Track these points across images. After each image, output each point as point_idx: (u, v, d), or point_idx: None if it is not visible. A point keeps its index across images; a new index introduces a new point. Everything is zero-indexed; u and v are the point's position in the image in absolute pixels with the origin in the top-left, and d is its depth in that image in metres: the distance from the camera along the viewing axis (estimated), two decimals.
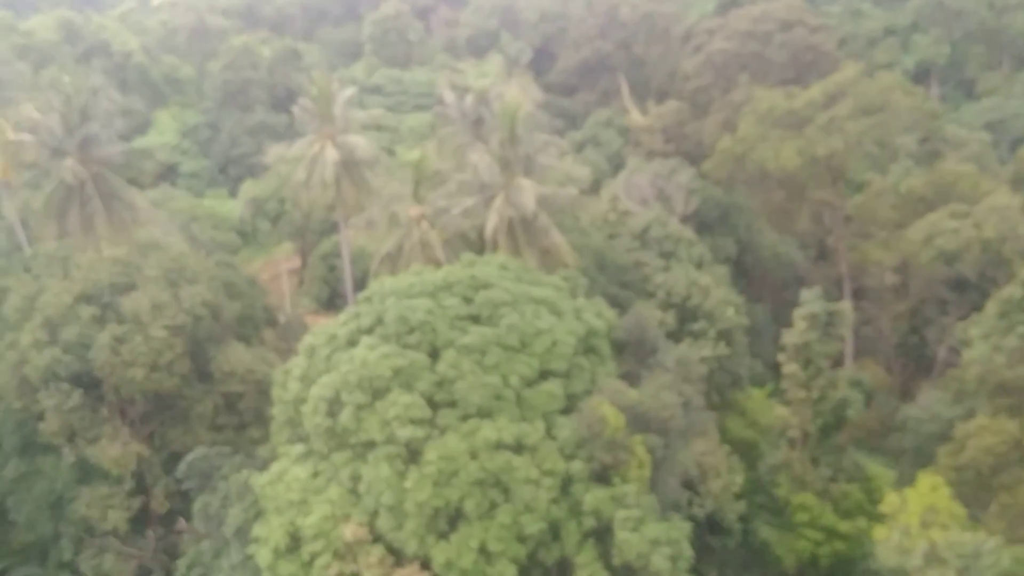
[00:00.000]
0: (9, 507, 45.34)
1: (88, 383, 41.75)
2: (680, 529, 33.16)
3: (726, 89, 74.54)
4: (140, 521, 43.26)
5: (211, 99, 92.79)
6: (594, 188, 61.58)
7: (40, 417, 42.16)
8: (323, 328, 37.56)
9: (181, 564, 39.68)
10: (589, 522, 32.70)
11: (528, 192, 42.93)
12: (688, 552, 32.69)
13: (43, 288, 43.51)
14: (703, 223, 58.62)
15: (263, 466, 37.03)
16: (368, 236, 54.15)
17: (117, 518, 41.92)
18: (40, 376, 41.30)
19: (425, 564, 32.32)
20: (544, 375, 34.44)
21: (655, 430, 34.94)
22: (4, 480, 45.09)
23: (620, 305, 41.86)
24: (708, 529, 39.27)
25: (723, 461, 39.47)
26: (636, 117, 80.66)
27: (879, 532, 34.41)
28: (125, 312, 41.50)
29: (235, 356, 42.78)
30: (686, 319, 46.05)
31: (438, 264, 42.00)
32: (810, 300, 42.60)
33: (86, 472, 42.53)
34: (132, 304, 41.52)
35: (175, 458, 41.36)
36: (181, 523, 41.87)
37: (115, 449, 41.38)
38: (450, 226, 45.14)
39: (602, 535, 32.86)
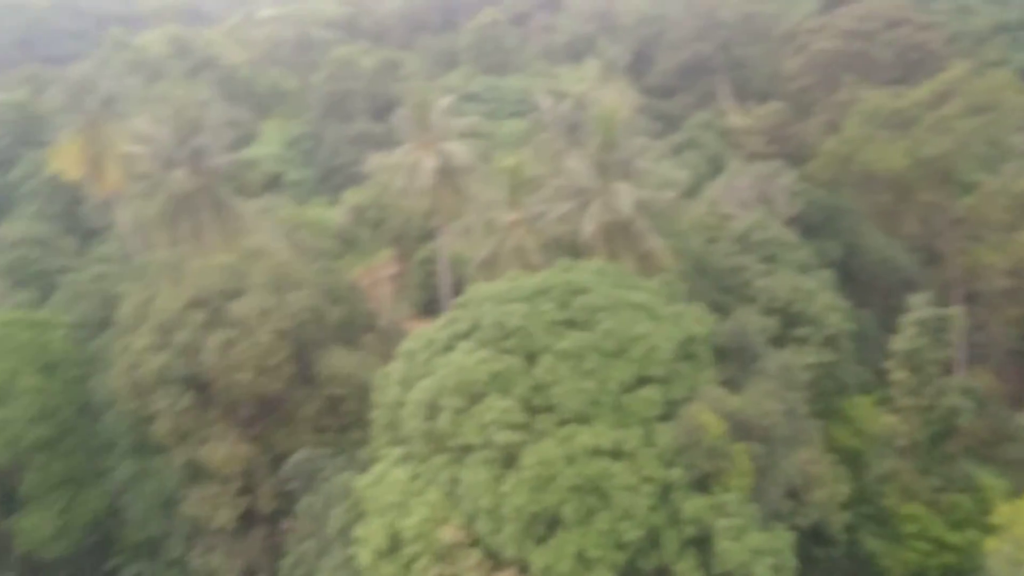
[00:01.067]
0: (122, 506, 47.14)
1: (198, 386, 43.09)
2: (783, 539, 32.44)
3: (830, 89, 72.79)
4: (247, 520, 44.37)
5: (314, 110, 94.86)
6: (693, 191, 60.80)
7: (152, 419, 43.69)
8: (421, 333, 37.99)
9: (285, 563, 40.56)
10: (689, 530, 32.24)
11: (625, 196, 42.66)
12: (791, 562, 31.98)
13: (156, 294, 45.12)
14: (807, 226, 57.30)
15: (364, 468, 37.60)
16: (465, 242, 54.50)
17: (225, 517, 43.11)
18: (152, 379, 42.79)
19: (523, 568, 32.29)
20: (642, 381, 34.09)
21: (757, 438, 34.26)
22: (118, 480, 46.93)
23: (721, 310, 41.22)
24: (812, 539, 38.30)
25: (828, 470, 38.47)
26: (736, 119, 79.41)
27: (990, 544, 33.17)
28: (233, 317, 42.72)
29: (338, 360, 43.64)
30: (789, 324, 45.08)
31: (534, 269, 42.03)
32: (919, 305, 41.28)
33: (196, 472, 43.86)
34: (240, 309, 42.72)
35: (280, 459, 42.34)
36: (286, 523, 42.76)
37: (224, 450, 42.58)
38: (546, 231, 45.16)
39: (702, 544, 32.34)
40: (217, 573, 44.61)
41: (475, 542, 32.88)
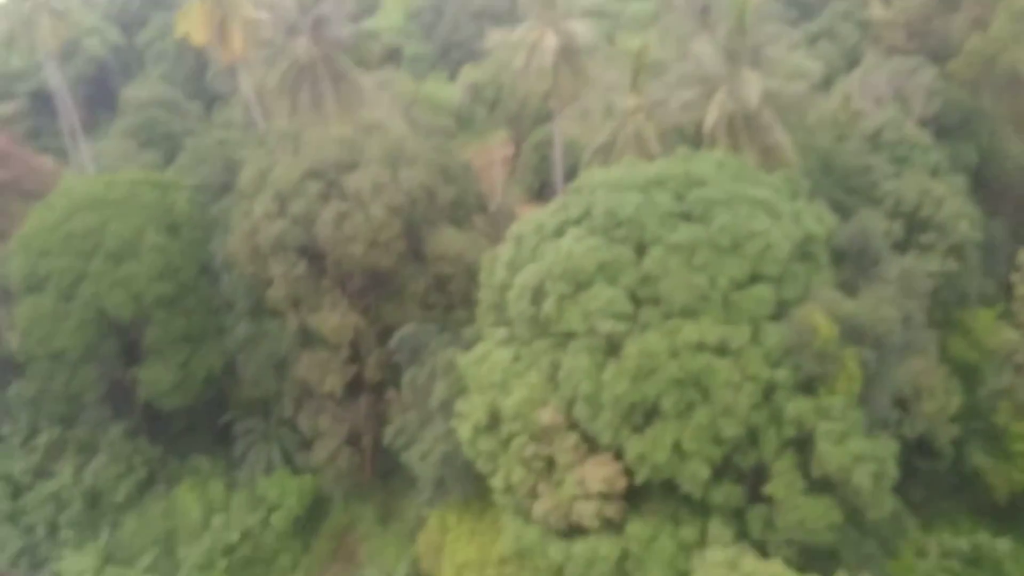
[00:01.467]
0: (237, 364, 49.20)
1: (312, 255, 44.08)
2: (886, 447, 31.80)
3: None
4: (354, 387, 45.87)
5: None
6: (825, 85, 57.99)
7: (269, 284, 45.02)
8: (531, 217, 37.75)
9: (389, 430, 41.96)
10: (790, 431, 31.85)
11: (753, 86, 40.93)
12: (893, 471, 31.41)
13: (275, 162, 45.88)
14: (942, 128, 54.15)
15: (468, 346, 38.17)
16: (582, 126, 53.55)
17: (333, 383, 44.62)
18: (270, 245, 43.90)
19: (618, 455, 32.63)
20: (755, 279, 33.25)
21: (869, 344, 33.27)
22: (234, 340, 48.86)
23: (843, 211, 39.65)
24: (917, 451, 37.49)
25: (940, 382, 37.35)
26: (878, 10, 74.71)
27: None
28: (348, 190, 43.22)
29: (447, 239, 43.93)
30: (914, 230, 43.12)
31: (651, 158, 41.06)
32: None
33: (307, 338, 45.30)
34: (355, 183, 43.17)
35: (388, 332, 43.31)
36: (390, 393, 44.00)
37: (335, 319, 43.73)
38: (667, 119, 43.87)
39: (802, 445, 31.99)
40: (324, 435, 46.51)
41: (572, 426, 33.27)
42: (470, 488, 37.74)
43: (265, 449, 51.30)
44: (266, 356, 47.29)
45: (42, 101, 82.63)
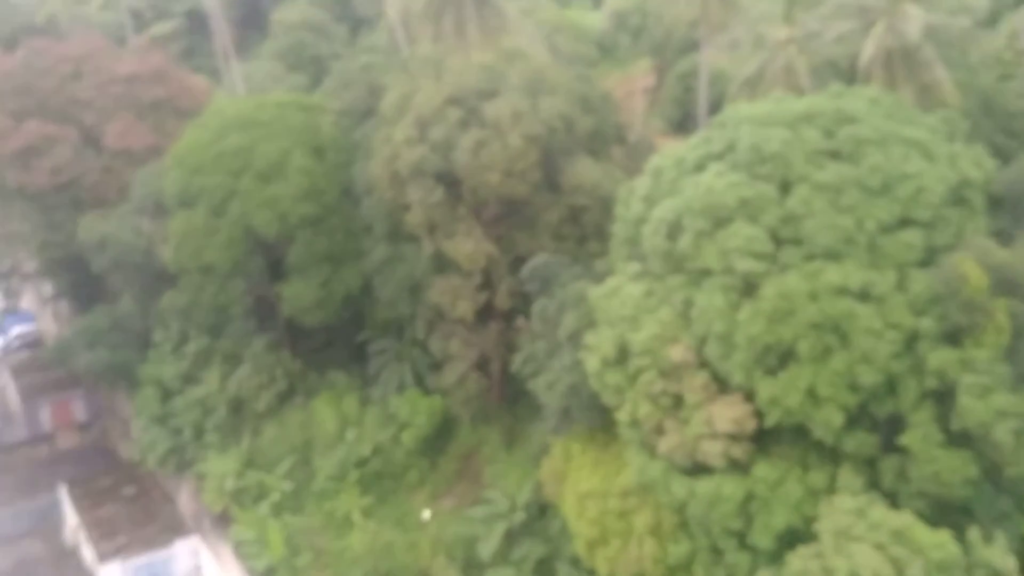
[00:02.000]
0: (374, 286, 50.51)
1: (449, 182, 44.52)
2: None
3: None
4: (484, 314, 46.48)
5: None
6: (991, 21, 54.46)
7: (406, 209, 45.78)
8: (672, 150, 37.03)
9: (517, 358, 42.46)
10: (931, 382, 30.72)
11: (914, 19, 38.80)
12: None
13: (417, 88, 46.26)
14: None
15: (599, 279, 38.04)
16: (730, 58, 51.97)
17: (465, 308, 45.30)
18: (409, 171, 44.52)
19: (748, 397, 32.18)
20: (903, 223, 31.89)
21: (1021, 296, 31.62)
22: (372, 262, 50.09)
23: (1004, 156, 37.43)
24: None
25: None
26: None
27: None
28: (487, 118, 43.27)
29: (583, 170, 43.60)
30: None
31: (801, 93, 39.54)
32: None
33: (441, 263, 46.03)
34: (494, 110, 43.16)
35: (519, 261, 43.57)
36: (520, 321, 44.44)
37: (468, 245, 44.23)
38: (820, 52, 42.10)
39: (943, 398, 30.82)
40: (454, 358, 47.47)
41: (702, 365, 32.91)
42: (595, 419, 37.93)
43: (398, 369, 52.78)
44: (401, 279, 48.31)
45: (197, 21, 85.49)
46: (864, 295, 30.88)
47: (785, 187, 32.56)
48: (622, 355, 34.45)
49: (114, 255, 58.72)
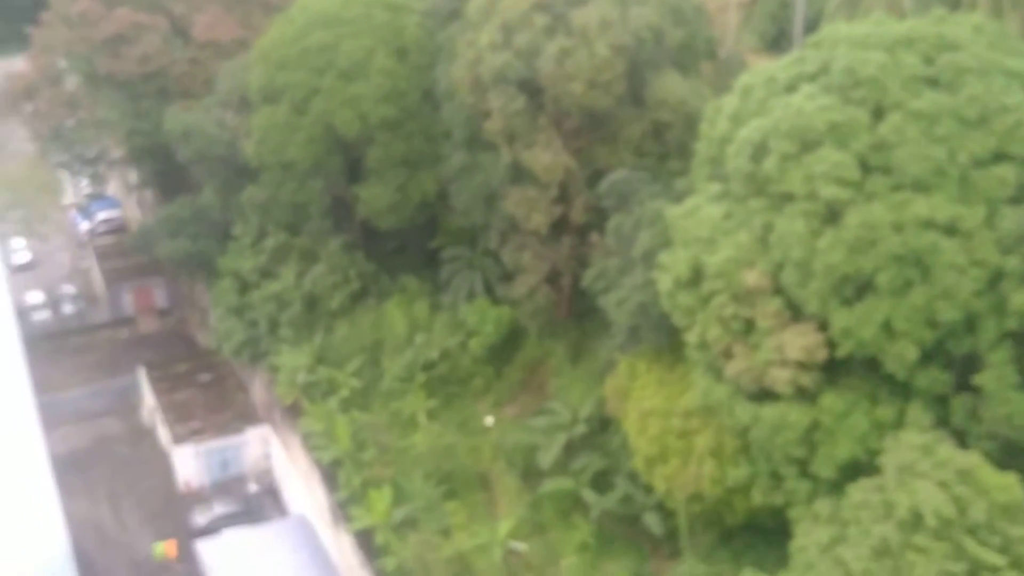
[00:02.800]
0: (451, 193, 50.55)
1: (532, 90, 43.97)
2: None
3: None
4: (558, 227, 46.29)
5: None
6: None
7: (487, 116, 45.43)
8: (763, 69, 35.94)
9: (588, 273, 42.38)
10: (1011, 323, 29.96)
11: None
12: None
13: None
14: None
15: (678, 198, 37.54)
16: None
17: (539, 220, 45.17)
18: (491, 77, 44.03)
19: (822, 326, 31.73)
20: (998, 157, 30.69)
21: None
22: (449, 168, 50.04)
23: None
24: None
25: None
26: None
27: None
28: (574, 25, 42.41)
29: (670, 85, 42.65)
30: None
31: (902, 16, 37.95)
32: None
33: (518, 174, 45.76)
34: (582, 18, 42.25)
35: (598, 175, 43.12)
36: (594, 237, 44.18)
37: (547, 157, 43.85)
38: None
39: (1022, 340, 30.09)
40: (525, 270, 47.54)
41: (777, 291, 32.46)
42: (663, 339, 37.86)
43: (469, 277, 53.14)
44: (477, 188, 48.23)
45: None
46: (950, 229, 30.00)
47: (878, 113, 31.52)
48: (696, 277, 34.14)
49: (198, 147, 59.61)
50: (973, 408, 31.07)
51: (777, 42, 59.47)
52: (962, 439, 30.84)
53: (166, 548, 56.15)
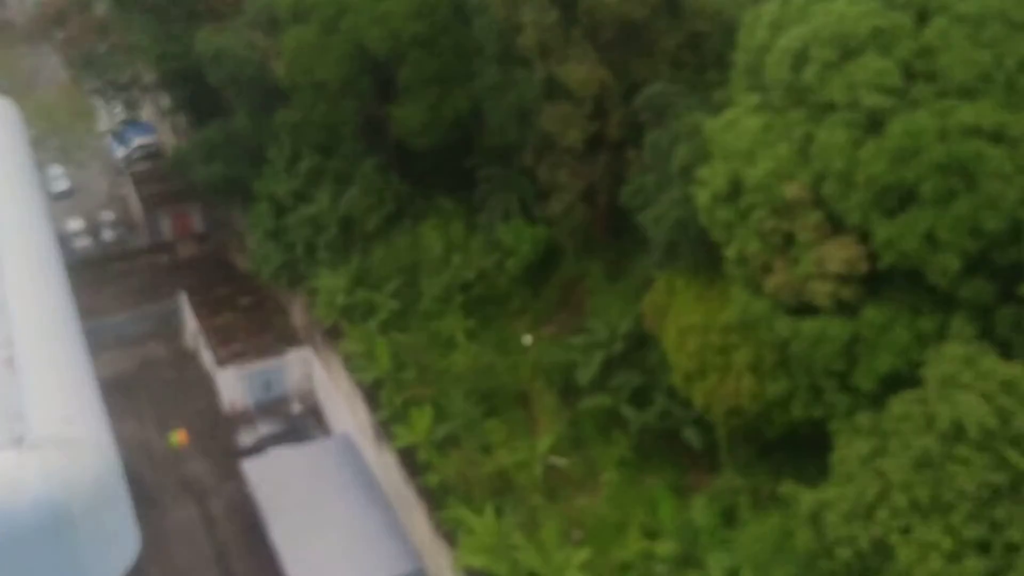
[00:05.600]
0: (484, 111, 50.01)
1: (565, 3, 43.07)
2: None
3: None
4: (594, 144, 45.72)
5: None
6: None
7: (519, 30, 44.64)
8: None
9: (626, 190, 41.99)
10: None
11: None
12: None
13: None
14: None
15: (716, 111, 36.84)
16: None
17: (574, 137, 44.61)
18: None
19: (863, 238, 31.30)
20: None
21: None
22: (482, 85, 49.41)
23: None
24: None
25: None
26: None
27: None
28: None
29: None
30: None
31: None
32: None
33: (553, 89, 45.07)
34: None
35: (634, 89, 42.38)
36: (630, 152, 43.64)
37: (581, 71, 43.11)
38: None
39: None
40: (561, 188, 47.20)
41: (818, 203, 31.97)
42: (701, 255, 37.60)
43: (504, 197, 52.89)
44: (511, 104, 47.65)
45: None
46: (997, 136, 29.28)
47: (923, 17, 30.64)
48: (735, 190, 33.71)
49: (229, 69, 59.22)
50: (1018, 319, 30.71)
51: None
52: (1006, 350, 30.54)
53: (179, 436, 58.93)
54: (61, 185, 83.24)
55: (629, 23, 42.37)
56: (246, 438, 59.28)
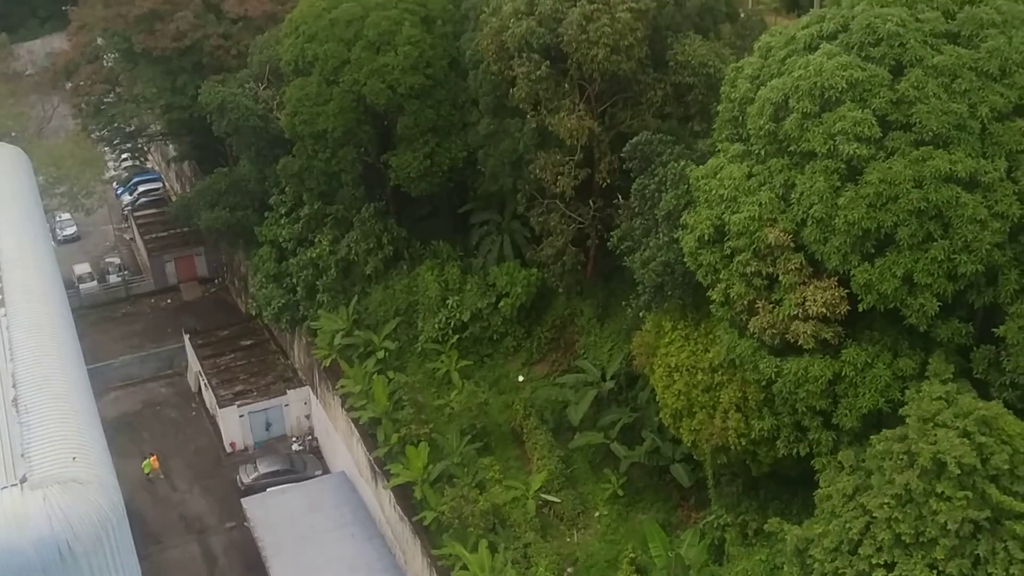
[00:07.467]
0: (479, 159, 51.35)
1: (555, 57, 44.48)
2: None
3: None
4: (584, 191, 46.94)
5: None
6: None
7: (512, 83, 46.05)
8: (783, 29, 36.21)
9: (615, 235, 43.08)
10: None
11: None
12: None
13: None
14: None
15: (701, 159, 38.01)
16: None
17: (565, 184, 45.78)
18: (515, 44, 44.57)
19: (843, 281, 32.28)
20: (1020, 110, 30.93)
21: None
22: (478, 135, 50.78)
23: None
24: None
25: None
26: None
27: None
28: None
29: (691, 47, 42.96)
30: None
31: None
32: None
33: (544, 139, 46.43)
34: None
35: (621, 139, 43.63)
36: (619, 199, 44.81)
37: (571, 121, 44.39)
38: None
39: None
40: (552, 233, 48.27)
41: (799, 248, 32.94)
42: (688, 297, 38.48)
43: (498, 241, 54.12)
44: (505, 153, 48.93)
45: None
46: (971, 183, 30.28)
47: (898, 70, 31.76)
48: (719, 235, 34.63)
49: (233, 119, 60.76)
50: (995, 358, 31.43)
51: (797, 2, 59.35)
52: (984, 389, 31.31)
53: (152, 463, 61.11)
54: (69, 230, 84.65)
55: (617, 76, 43.67)
56: (247, 476, 59.98)
